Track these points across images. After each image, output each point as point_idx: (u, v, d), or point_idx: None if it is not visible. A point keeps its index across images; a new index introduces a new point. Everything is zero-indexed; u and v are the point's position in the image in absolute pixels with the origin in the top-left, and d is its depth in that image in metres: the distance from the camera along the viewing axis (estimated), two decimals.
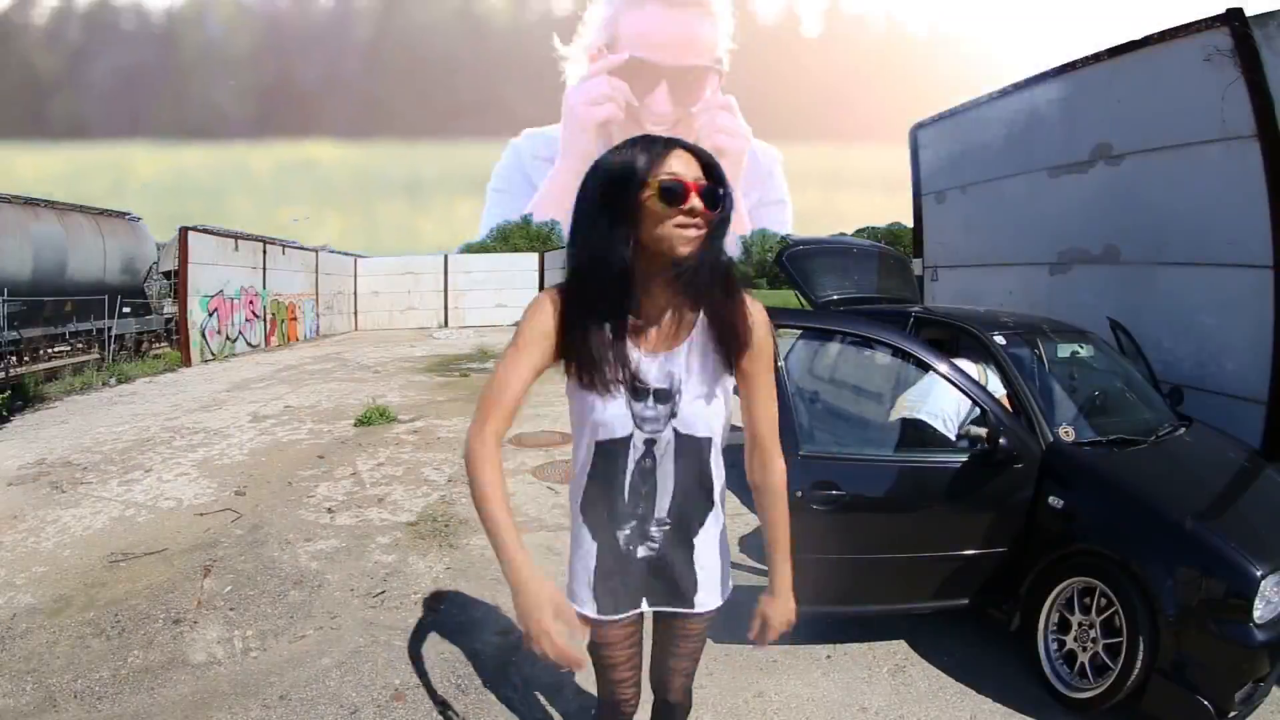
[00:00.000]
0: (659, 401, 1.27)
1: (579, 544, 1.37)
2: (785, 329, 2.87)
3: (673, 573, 1.36)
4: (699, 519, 1.36)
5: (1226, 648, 2.07)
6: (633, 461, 1.30)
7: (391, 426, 6.70)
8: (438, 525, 4.07)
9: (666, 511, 1.33)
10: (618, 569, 1.35)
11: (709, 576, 1.39)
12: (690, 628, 1.44)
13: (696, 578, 1.38)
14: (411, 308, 20.94)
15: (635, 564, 1.35)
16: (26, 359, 10.86)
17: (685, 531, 1.35)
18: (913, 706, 2.41)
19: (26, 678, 2.56)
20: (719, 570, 1.41)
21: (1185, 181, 4.28)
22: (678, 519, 1.34)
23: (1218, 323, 4.10)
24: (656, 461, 1.30)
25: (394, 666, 2.64)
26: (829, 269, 4.47)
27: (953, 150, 6.57)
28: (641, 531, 1.33)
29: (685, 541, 1.36)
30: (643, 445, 1.29)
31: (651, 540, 1.34)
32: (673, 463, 1.30)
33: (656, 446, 1.29)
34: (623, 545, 1.34)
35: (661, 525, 1.33)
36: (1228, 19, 3.93)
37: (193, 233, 12.26)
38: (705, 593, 1.39)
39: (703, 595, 1.39)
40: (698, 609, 1.39)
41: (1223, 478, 2.86)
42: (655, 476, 1.31)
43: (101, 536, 3.90)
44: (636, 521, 1.33)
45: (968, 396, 2.64)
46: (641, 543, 1.34)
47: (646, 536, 1.34)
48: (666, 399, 1.27)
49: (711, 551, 1.39)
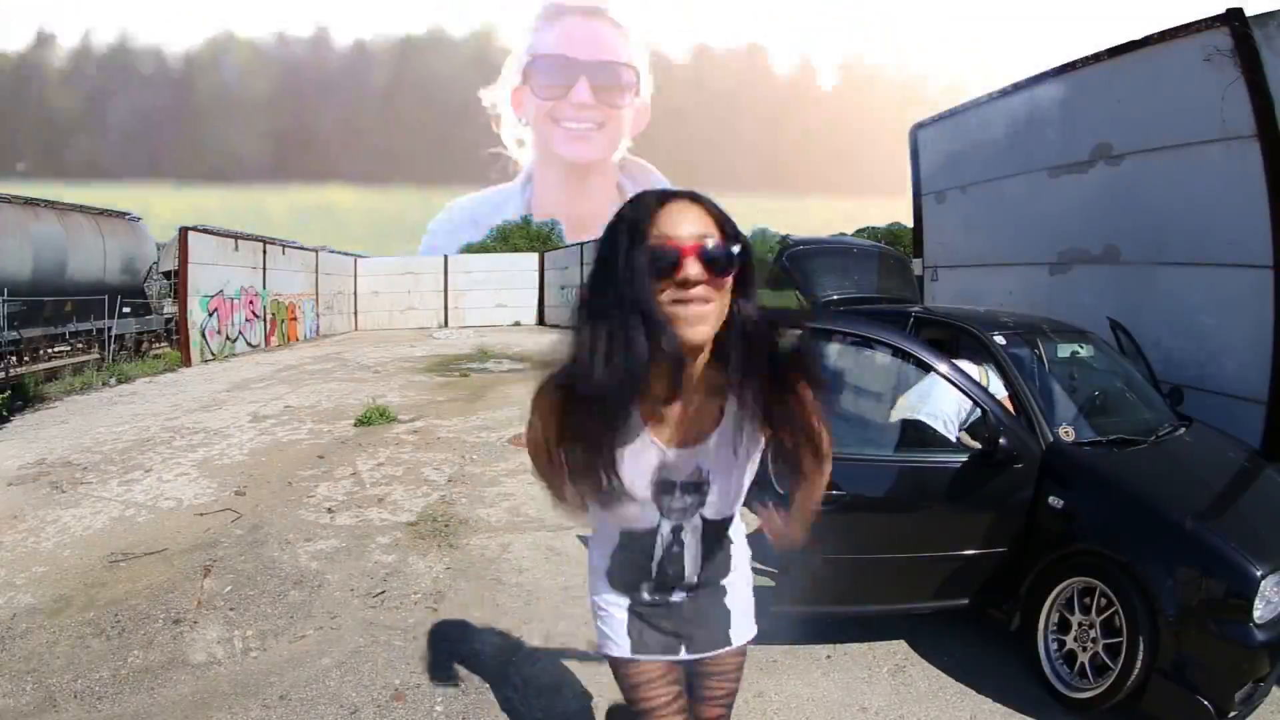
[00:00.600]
0: (686, 494, 1.17)
1: (604, 596, 1.32)
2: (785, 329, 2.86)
3: (706, 617, 1.32)
4: (724, 572, 1.33)
5: (1226, 648, 2.07)
6: (660, 548, 1.23)
7: (391, 426, 6.70)
8: (438, 525, 4.07)
9: (695, 577, 1.28)
10: (650, 615, 1.30)
11: (740, 608, 1.36)
12: (725, 663, 1.38)
13: (730, 615, 1.34)
14: (411, 308, 20.95)
15: (670, 610, 1.30)
16: (26, 359, 10.86)
17: (716, 582, 1.32)
18: (913, 706, 2.41)
19: (26, 678, 2.56)
20: (748, 600, 1.38)
21: (1185, 181, 4.28)
22: (708, 578, 1.30)
23: (1218, 323, 4.10)
24: (684, 547, 1.24)
25: (394, 666, 2.64)
26: (829, 269, 4.47)
27: (953, 150, 6.57)
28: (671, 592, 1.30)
29: (715, 591, 1.33)
30: (670, 534, 1.22)
31: (682, 589, 1.30)
32: (698, 544, 1.24)
33: (684, 533, 1.22)
34: (649, 598, 1.30)
35: (690, 588, 1.29)
36: (1228, 19, 3.93)
37: (193, 233, 12.26)
38: (739, 625, 1.36)
39: (736, 629, 1.35)
40: (734, 642, 1.35)
41: (1223, 478, 2.86)
42: (684, 558, 1.25)
43: (101, 536, 3.90)
44: (665, 591, 1.29)
45: (968, 397, 2.64)
46: (671, 594, 1.30)
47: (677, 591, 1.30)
48: (695, 490, 1.18)
49: (739, 586, 1.36)
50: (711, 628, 1.32)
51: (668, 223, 0.98)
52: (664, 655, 1.31)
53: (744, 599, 1.37)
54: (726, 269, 0.98)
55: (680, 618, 1.30)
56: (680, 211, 0.99)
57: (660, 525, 1.20)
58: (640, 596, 1.29)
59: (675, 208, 0.99)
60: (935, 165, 6.83)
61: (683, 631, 1.30)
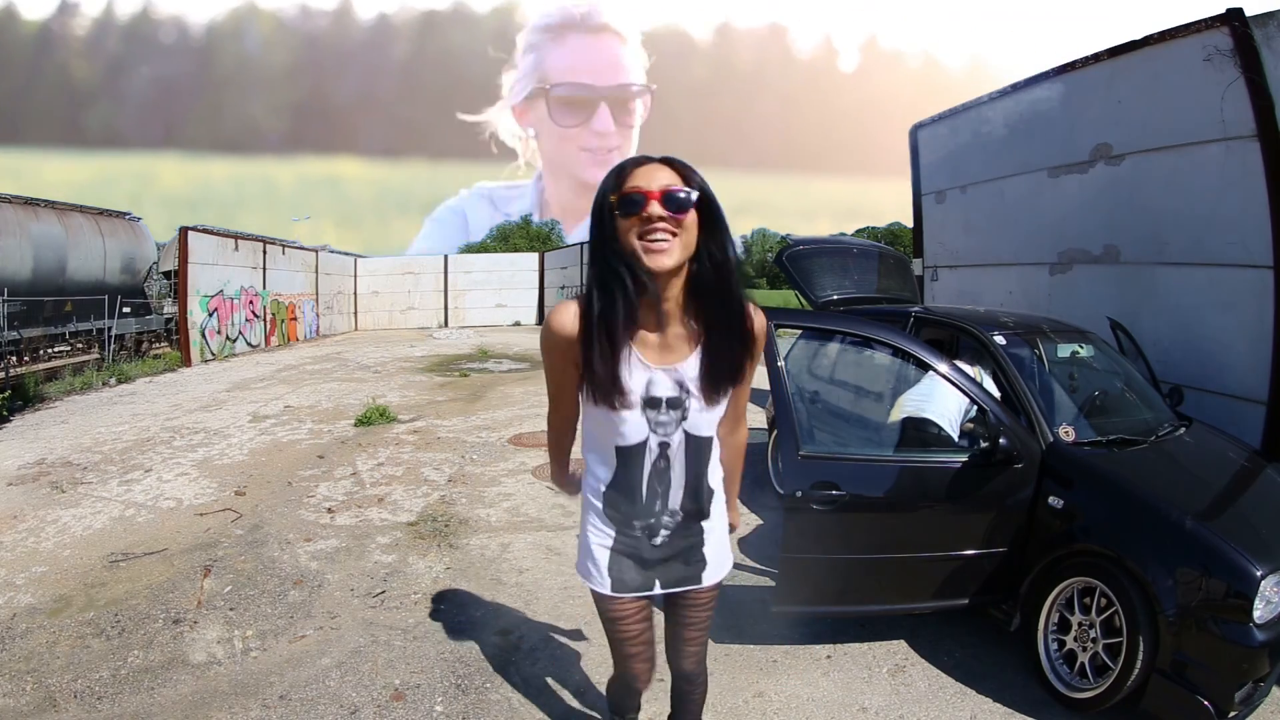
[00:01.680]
0: (671, 408, 1.36)
1: (596, 531, 1.49)
2: (785, 329, 2.87)
3: (683, 558, 1.50)
4: (705, 507, 1.49)
5: (1226, 648, 2.07)
6: (649, 464, 1.41)
7: (391, 426, 6.70)
8: (438, 525, 4.07)
9: (679, 504, 1.45)
10: (632, 555, 1.48)
11: (715, 554, 1.53)
12: (698, 597, 1.56)
13: (705, 558, 1.52)
14: (411, 308, 20.95)
15: (650, 551, 1.47)
16: (26, 359, 10.87)
17: (695, 519, 1.48)
18: (913, 706, 2.41)
19: (26, 678, 2.56)
20: (723, 547, 1.56)
21: (1185, 181, 4.27)
22: (688, 510, 1.46)
23: (1218, 323, 4.10)
24: (670, 462, 1.41)
25: (394, 666, 2.64)
26: (829, 269, 4.47)
27: (953, 150, 6.57)
28: (657, 525, 1.46)
29: (694, 529, 1.49)
30: (657, 448, 1.39)
31: (665, 529, 1.46)
32: (683, 461, 1.42)
33: (670, 449, 1.40)
34: (639, 534, 1.46)
35: (674, 516, 1.46)
36: (1228, 19, 3.92)
37: (193, 233, 12.25)
38: (712, 568, 1.53)
39: (709, 571, 1.53)
40: (705, 583, 1.53)
41: (1223, 478, 2.86)
42: (669, 475, 1.42)
43: (101, 536, 3.90)
44: (654, 517, 1.45)
45: (968, 397, 2.64)
46: (656, 533, 1.47)
47: (661, 527, 1.46)
48: (678, 406, 1.36)
49: (717, 533, 1.54)
50: (685, 569, 1.51)
51: (639, 178, 1.24)
52: (639, 592, 1.50)
53: (719, 547, 1.55)
54: (684, 207, 1.22)
55: (657, 558, 1.48)
56: (650, 169, 1.25)
57: (649, 440, 1.38)
58: (629, 532, 1.46)
59: (647, 167, 1.25)
60: (935, 165, 6.83)
61: (657, 571, 1.49)
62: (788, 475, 2.55)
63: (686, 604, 1.58)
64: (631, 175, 1.24)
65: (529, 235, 32.96)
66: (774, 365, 2.65)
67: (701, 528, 1.50)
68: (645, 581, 1.49)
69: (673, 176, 1.24)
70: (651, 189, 1.21)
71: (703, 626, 1.62)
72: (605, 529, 1.48)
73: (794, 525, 2.53)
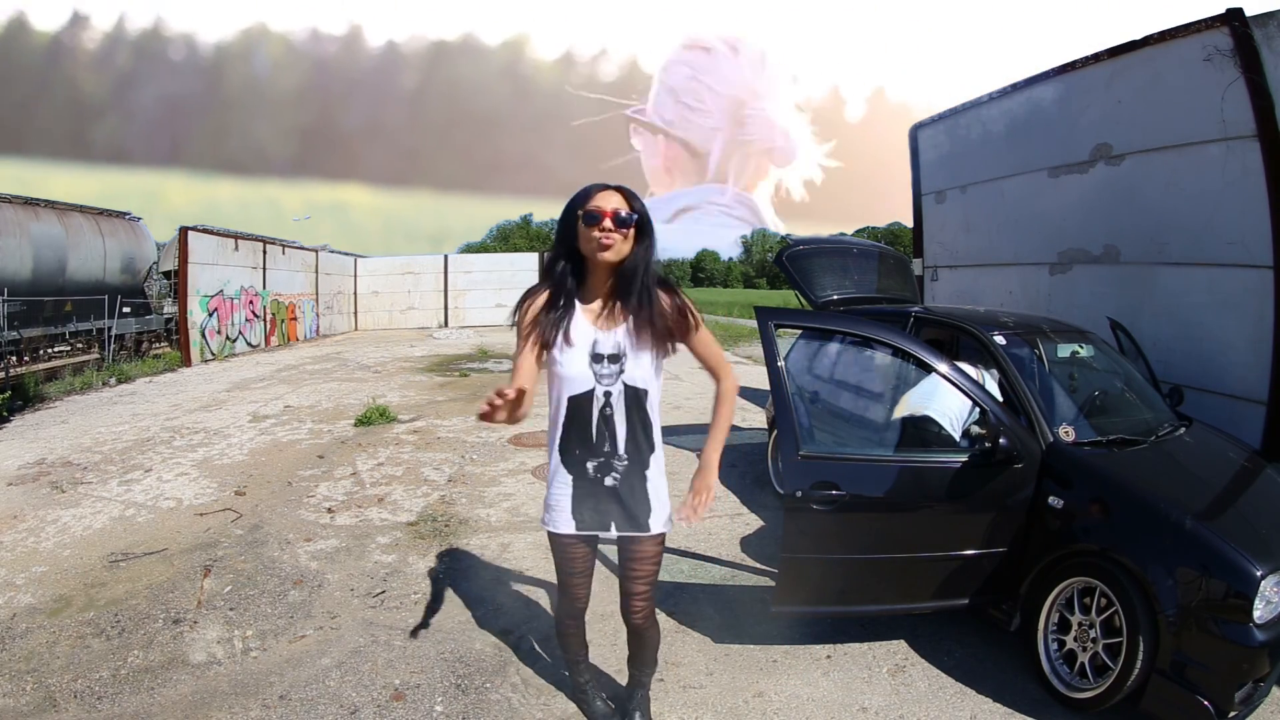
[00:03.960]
0: (611, 363, 1.79)
1: (557, 478, 1.88)
2: (785, 329, 2.86)
3: (632, 500, 1.85)
4: (647, 454, 1.86)
5: (1226, 648, 2.07)
6: (597, 410, 1.81)
7: (391, 426, 6.70)
8: (438, 525, 4.07)
9: (624, 449, 1.83)
10: (590, 494, 1.85)
11: (659, 505, 1.89)
12: (644, 549, 1.93)
13: (650, 505, 1.87)
14: (411, 308, 20.93)
15: (604, 490, 1.85)
16: (26, 359, 10.86)
17: (640, 465, 1.85)
18: (913, 706, 2.41)
19: (26, 678, 2.56)
20: (664, 503, 1.91)
21: (1185, 181, 4.27)
22: (632, 454, 1.84)
23: (1218, 323, 4.09)
24: (614, 409, 1.81)
25: (394, 666, 2.64)
26: (829, 269, 4.47)
27: (953, 150, 6.57)
28: (607, 465, 1.84)
29: (640, 474, 1.86)
30: (603, 396, 1.81)
31: (615, 472, 1.84)
32: (624, 409, 1.81)
33: (612, 396, 1.80)
34: (592, 474, 1.84)
35: (621, 460, 1.83)
36: (1228, 19, 3.92)
37: (193, 233, 12.25)
38: (655, 518, 1.89)
39: (654, 520, 1.88)
40: (651, 530, 1.88)
41: (1223, 478, 2.86)
42: (614, 421, 1.82)
43: (101, 536, 3.90)
44: (604, 457, 1.83)
45: (968, 397, 2.64)
46: (608, 474, 1.84)
47: (611, 469, 1.84)
48: (616, 360, 1.79)
49: (659, 485, 1.89)
50: (635, 511, 1.86)
51: (599, 200, 1.74)
52: (598, 530, 1.88)
53: (661, 500, 1.90)
54: (626, 225, 1.74)
55: (613, 499, 1.85)
56: (606, 195, 1.76)
57: (595, 389, 1.80)
58: (585, 471, 1.84)
59: (606, 192, 1.76)
60: (935, 165, 6.83)
61: (613, 513, 1.86)
62: (788, 475, 2.55)
63: (635, 556, 1.93)
64: (595, 197, 1.74)
65: (529, 235, 32.93)
66: (774, 365, 2.65)
67: (646, 476, 1.86)
68: (603, 521, 1.86)
69: (621, 201, 1.74)
70: (606, 209, 1.71)
71: (649, 580, 1.96)
72: (565, 477, 1.86)
73: (794, 525, 2.53)
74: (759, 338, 2.82)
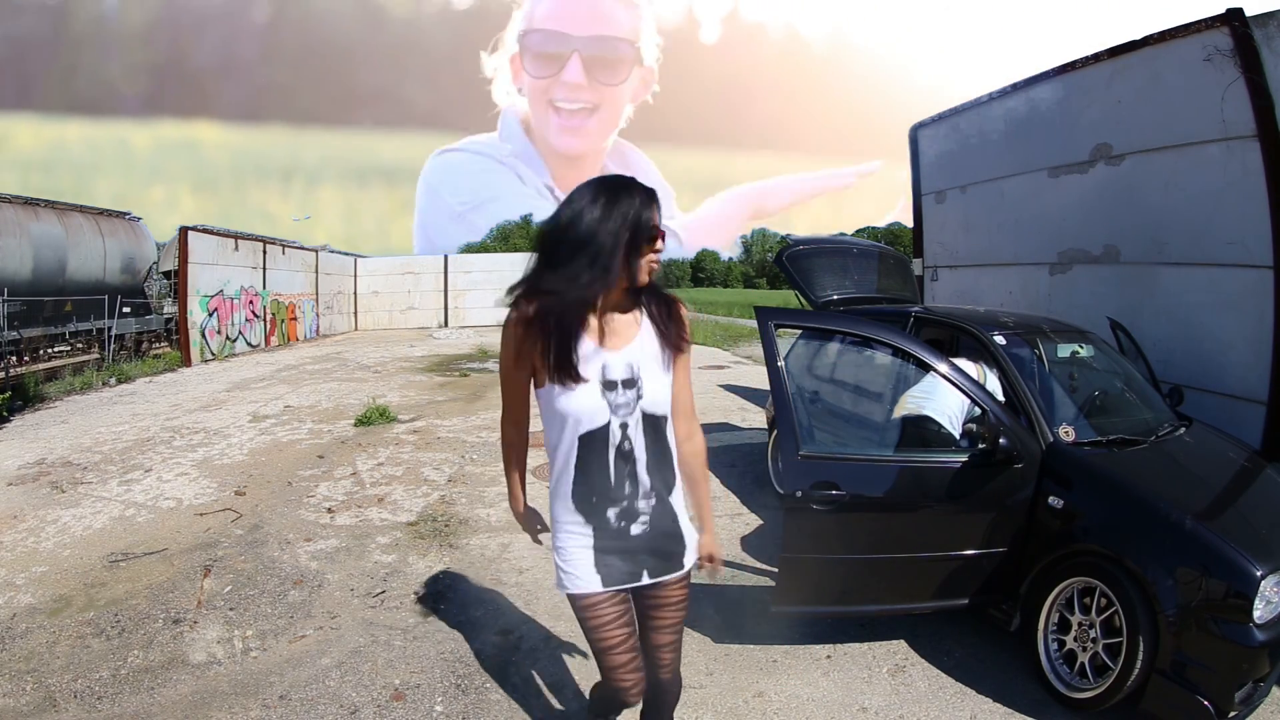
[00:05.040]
0: (627, 388, 1.48)
1: (569, 531, 1.53)
2: (785, 329, 2.87)
3: (665, 542, 1.56)
4: (670, 483, 1.56)
5: (1226, 648, 2.07)
6: (613, 447, 1.48)
7: (391, 426, 6.70)
8: (438, 525, 4.07)
9: (649, 486, 1.52)
10: (617, 547, 1.52)
11: (688, 533, 1.61)
12: (671, 594, 1.61)
13: (683, 539, 1.59)
14: (411, 308, 20.94)
15: (631, 541, 1.52)
16: (26, 359, 10.86)
17: (665, 497, 1.55)
18: (913, 706, 2.41)
19: (26, 678, 2.56)
20: (690, 533, 1.62)
21: (1185, 181, 4.27)
22: (658, 489, 1.53)
23: (1218, 323, 4.09)
24: (633, 444, 1.50)
25: (394, 666, 2.64)
26: (829, 269, 4.47)
27: (953, 150, 6.57)
28: (632, 510, 1.51)
29: (667, 508, 1.55)
30: (619, 430, 1.48)
31: (643, 516, 1.52)
32: (644, 441, 1.50)
33: (629, 429, 1.49)
34: (615, 524, 1.51)
35: (648, 498, 1.52)
36: (1228, 19, 3.92)
37: (193, 233, 12.25)
38: (688, 550, 1.61)
39: (688, 555, 1.61)
40: (686, 566, 1.60)
41: (1223, 478, 2.86)
42: (634, 456, 1.50)
43: (101, 536, 3.90)
44: (627, 501, 1.51)
45: (968, 397, 2.64)
46: (634, 520, 1.52)
47: (637, 514, 1.52)
48: (632, 385, 1.48)
49: (684, 511, 1.61)
50: (669, 552, 1.57)
51: (656, 214, 1.45)
52: (628, 583, 1.54)
53: (689, 526, 1.62)
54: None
55: (640, 546, 1.53)
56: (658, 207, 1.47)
57: (610, 422, 1.47)
58: (607, 522, 1.51)
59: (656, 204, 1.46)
60: (935, 165, 6.83)
61: (642, 561, 1.54)
62: (788, 475, 2.55)
63: (662, 605, 1.61)
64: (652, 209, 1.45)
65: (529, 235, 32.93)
66: (774, 365, 2.65)
67: (673, 507, 1.56)
68: (633, 571, 1.54)
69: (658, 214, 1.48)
70: (662, 226, 1.47)
71: (677, 628, 1.65)
72: (582, 530, 1.51)
73: (794, 525, 2.53)
74: (759, 338, 2.82)
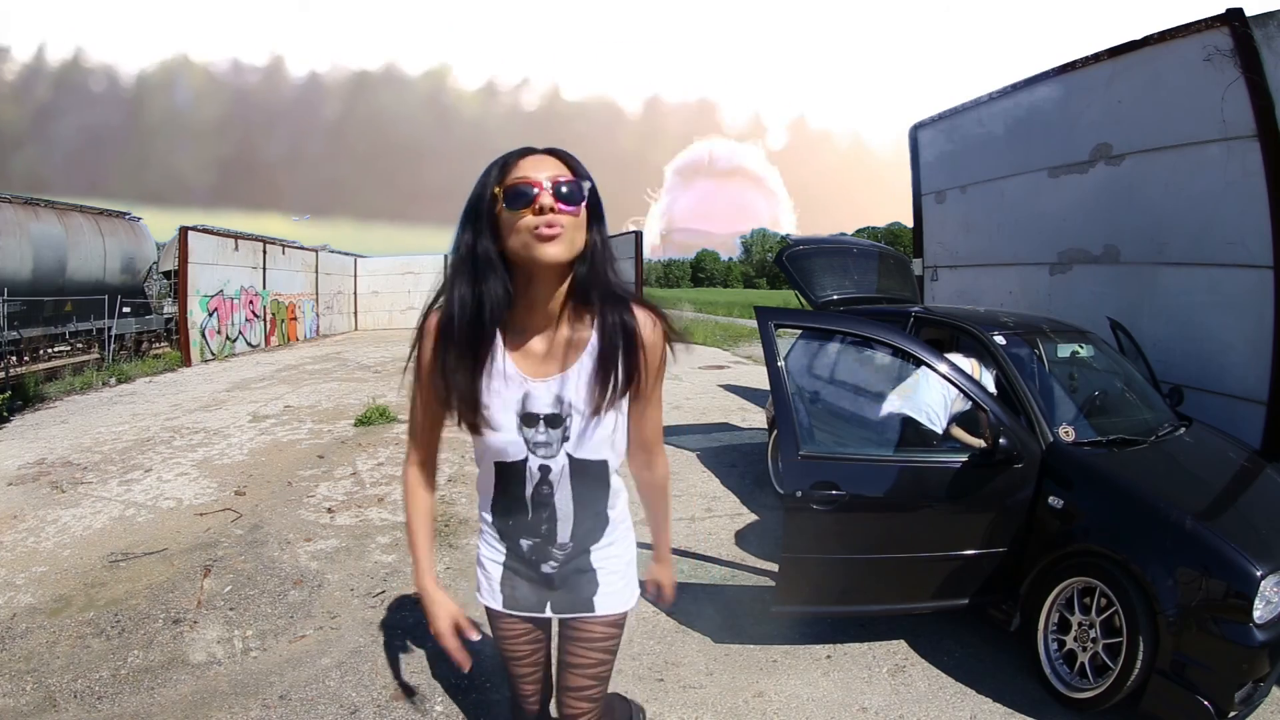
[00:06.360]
0: (550, 426, 1.20)
1: (489, 546, 1.36)
2: (785, 329, 2.87)
3: (573, 586, 1.32)
4: (597, 539, 1.31)
5: (1226, 648, 2.07)
6: (530, 486, 1.24)
7: (391, 426, 6.70)
8: (437, 525, 4.07)
9: (568, 537, 1.28)
10: (524, 573, 1.33)
11: (611, 582, 1.33)
12: (592, 630, 1.35)
13: (598, 585, 1.33)
14: (412, 308, 20.90)
15: (539, 575, 1.32)
16: (26, 359, 10.86)
17: (584, 553, 1.31)
18: (913, 706, 2.41)
19: (26, 678, 2.56)
20: (621, 577, 1.35)
21: (1185, 181, 4.27)
22: (577, 543, 1.29)
23: (1218, 323, 4.10)
24: (553, 488, 1.24)
25: (394, 666, 2.63)
26: (829, 269, 4.47)
27: (953, 150, 6.57)
28: (543, 551, 1.29)
29: (584, 563, 1.32)
30: (538, 471, 1.22)
31: (553, 560, 1.30)
32: (569, 488, 1.24)
33: (551, 473, 1.23)
34: (526, 554, 1.31)
35: (563, 549, 1.29)
36: (1228, 19, 3.92)
37: (193, 233, 12.25)
38: (606, 597, 1.33)
39: (602, 599, 1.33)
40: (599, 610, 1.33)
41: (1223, 478, 2.86)
42: (553, 503, 1.25)
43: (101, 536, 3.90)
44: (540, 540, 1.29)
45: (966, 396, 2.64)
46: (544, 560, 1.30)
47: (548, 556, 1.30)
48: (558, 424, 1.20)
49: (614, 563, 1.34)
50: (576, 593, 1.32)
51: (526, 168, 1.10)
52: (531, 612, 1.35)
53: (615, 576, 1.34)
54: (576, 200, 1.10)
55: (547, 583, 1.32)
56: (538, 159, 1.12)
57: (528, 460, 1.22)
58: (518, 546, 1.30)
59: (534, 157, 1.12)
60: (935, 165, 6.83)
61: (550, 595, 1.33)
62: (788, 475, 2.55)
63: (578, 639, 1.36)
64: (517, 165, 1.10)
65: None
66: (774, 365, 2.65)
67: (592, 561, 1.31)
68: (538, 602, 1.33)
69: (561, 168, 1.11)
70: (540, 179, 1.08)
71: (594, 673, 1.37)
72: (498, 544, 1.34)
73: (794, 525, 2.53)
74: (759, 338, 2.82)
